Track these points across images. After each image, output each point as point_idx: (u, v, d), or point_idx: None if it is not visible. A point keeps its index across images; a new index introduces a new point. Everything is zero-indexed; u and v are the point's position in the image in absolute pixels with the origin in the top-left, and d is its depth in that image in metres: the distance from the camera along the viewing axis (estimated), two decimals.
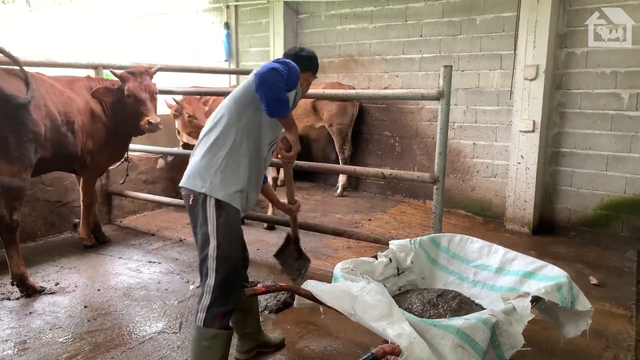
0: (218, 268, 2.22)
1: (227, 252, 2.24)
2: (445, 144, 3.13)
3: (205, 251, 2.24)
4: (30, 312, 3.16)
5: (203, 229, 2.24)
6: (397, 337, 1.72)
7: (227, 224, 2.24)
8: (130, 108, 3.97)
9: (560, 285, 2.10)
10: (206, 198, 2.23)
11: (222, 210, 2.23)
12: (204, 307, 2.23)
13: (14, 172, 3.31)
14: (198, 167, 2.28)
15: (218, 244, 2.22)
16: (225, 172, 2.25)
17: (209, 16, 7.89)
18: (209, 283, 2.23)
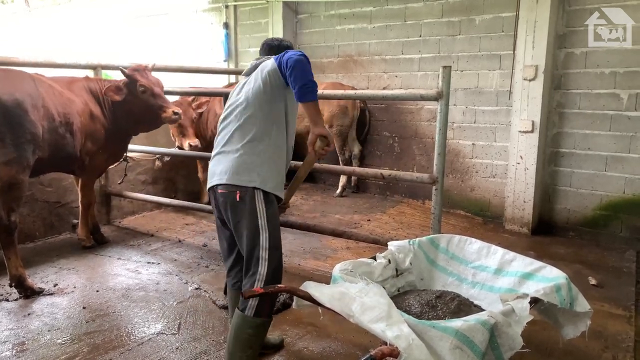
0: (270, 257, 2.29)
1: (277, 241, 2.34)
2: (444, 144, 3.12)
3: (255, 243, 2.29)
4: (29, 314, 3.15)
5: (252, 223, 2.29)
6: (395, 338, 1.72)
7: (274, 214, 2.35)
8: (146, 103, 4.01)
9: (559, 286, 2.09)
10: (254, 192, 2.30)
11: (271, 202, 2.34)
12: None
13: (12, 173, 3.30)
14: (241, 163, 2.32)
15: (270, 234, 2.30)
16: (270, 165, 2.35)
17: (208, 16, 7.88)
18: (261, 272, 2.28)
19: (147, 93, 3.99)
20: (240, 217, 2.32)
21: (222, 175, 2.34)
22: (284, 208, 2.91)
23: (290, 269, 3.95)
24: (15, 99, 3.28)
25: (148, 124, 4.23)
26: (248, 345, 2.29)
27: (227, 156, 2.36)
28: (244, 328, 2.28)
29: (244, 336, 2.28)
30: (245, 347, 2.30)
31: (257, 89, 2.36)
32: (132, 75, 3.98)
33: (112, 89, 3.94)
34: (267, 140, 2.35)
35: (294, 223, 4.11)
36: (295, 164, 4.03)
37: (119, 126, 4.17)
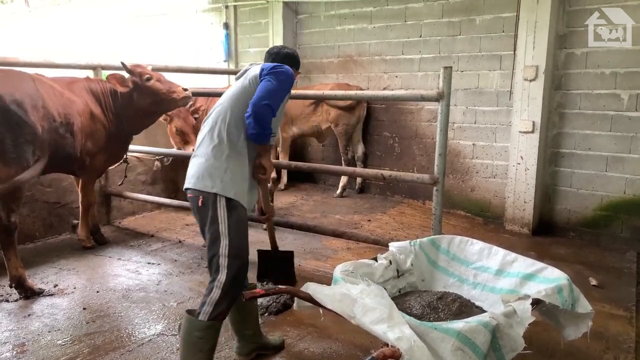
0: (230, 265, 2.29)
1: (238, 250, 2.31)
2: (445, 145, 3.12)
3: (215, 249, 2.30)
4: (29, 314, 3.15)
5: (214, 228, 2.30)
6: (397, 340, 1.71)
7: (237, 221, 2.33)
8: (154, 90, 4.02)
9: (561, 287, 2.09)
10: (217, 198, 2.30)
11: (233, 209, 2.32)
12: (213, 301, 2.27)
13: (11, 173, 3.29)
14: (206, 168, 2.34)
15: (230, 241, 2.29)
16: (234, 171, 2.34)
17: (208, 16, 7.88)
18: (220, 279, 2.28)
19: (153, 79, 4.03)
20: (204, 221, 2.35)
21: (190, 179, 2.39)
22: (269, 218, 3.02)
23: None
24: (15, 99, 3.27)
25: (161, 111, 4.30)
26: (198, 349, 2.28)
27: (197, 160, 2.40)
28: (192, 331, 2.28)
29: (193, 339, 2.28)
30: (195, 350, 2.28)
31: (234, 94, 2.45)
32: (134, 68, 4.00)
33: (115, 77, 3.95)
34: (233, 146, 2.37)
35: (294, 223, 4.11)
36: (295, 164, 4.04)
37: (121, 126, 4.16)
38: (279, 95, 2.39)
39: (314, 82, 6.91)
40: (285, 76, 2.42)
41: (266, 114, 2.31)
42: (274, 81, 2.37)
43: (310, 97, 5.00)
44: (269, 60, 2.64)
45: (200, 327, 2.27)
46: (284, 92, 2.44)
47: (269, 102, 2.30)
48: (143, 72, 4.02)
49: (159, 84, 4.04)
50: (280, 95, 2.40)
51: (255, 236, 4.74)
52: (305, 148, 7.35)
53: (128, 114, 4.12)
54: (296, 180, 7.15)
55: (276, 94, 2.35)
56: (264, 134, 2.34)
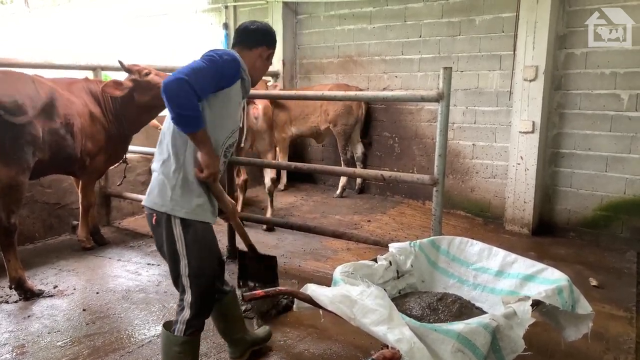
0: (193, 284, 2.17)
1: (199, 270, 2.17)
2: (445, 145, 3.11)
3: (177, 269, 2.18)
4: (29, 316, 3.14)
5: (172, 248, 2.16)
6: (397, 342, 1.71)
7: (195, 240, 2.15)
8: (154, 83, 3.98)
9: (561, 288, 2.09)
10: (170, 217, 2.13)
11: (189, 227, 2.14)
12: (184, 319, 2.19)
13: (12, 174, 3.29)
14: (157, 184, 2.17)
15: (189, 262, 2.15)
16: (183, 187, 2.13)
17: (208, 17, 7.88)
18: (187, 299, 2.18)
19: (152, 73, 4.02)
20: (160, 240, 2.21)
21: (146, 194, 2.22)
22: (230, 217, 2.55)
23: (291, 270, 3.95)
24: (15, 100, 3.28)
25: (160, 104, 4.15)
26: None
27: (153, 175, 2.22)
28: (170, 346, 2.22)
29: (172, 354, 2.23)
30: None
31: None
32: (132, 67, 4.01)
33: (110, 84, 3.93)
34: (180, 160, 2.13)
35: (294, 224, 4.10)
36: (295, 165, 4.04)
37: (120, 127, 4.16)
38: (205, 73, 2.00)
39: (313, 83, 6.91)
40: (219, 57, 2.06)
41: (179, 89, 1.93)
42: (201, 61, 2.05)
43: (310, 98, 4.99)
44: (235, 39, 2.34)
45: (178, 343, 2.20)
46: (213, 72, 2.04)
47: (184, 76, 1.93)
48: (141, 69, 4.02)
49: (158, 77, 4.03)
50: (207, 73, 2.01)
51: (255, 237, 4.74)
52: (305, 148, 7.35)
53: (128, 114, 4.11)
54: (296, 181, 7.14)
55: (200, 71, 1.99)
56: (183, 117, 1.98)
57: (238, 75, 2.17)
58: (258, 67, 2.35)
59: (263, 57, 2.34)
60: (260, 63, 2.35)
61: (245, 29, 2.32)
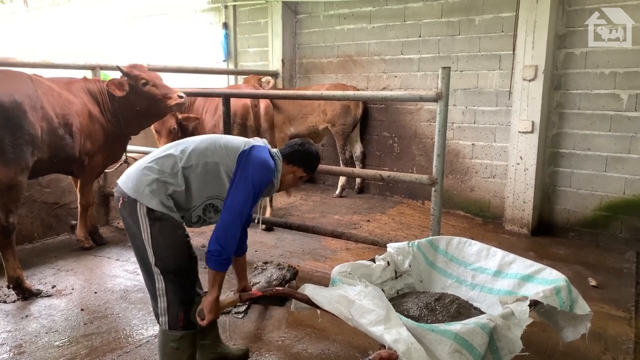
0: (163, 274, 2.17)
1: (165, 261, 2.16)
2: (443, 145, 3.11)
3: (145, 257, 2.18)
4: (27, 316, 3.14)
5: (138, 236, 2.15)
6: (394, 342, 1.71)
7: (162, 232, 2.14)
8: (150, 95, 4.00)
9: (559, 288, 2.09)
10: (136, 203, 2.12)
11: (156, 220, 2.13)
12: (164, 309, 2.20)
13: (10, 174, 3.29)
14: (136, 172, 2.17)
15: (154, 252, 2.14)
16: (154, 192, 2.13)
17: (208, 16, 7.87)
18: (159, 287, 2.19)
19: (149, 84, 4.01)
20: (127, 225, 2.20)
21: (122, 176, 2.24)
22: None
23: None
24: (14, 100, 3.27)
25: (155, 115, 4.24)
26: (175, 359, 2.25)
27: (138, 164, 2.23)
28: (166, 342, 2.24)
29: (168, 350, 2.25)
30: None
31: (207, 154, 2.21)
32: (131, 71, 3.99)
33: (114, 83, 3.95)
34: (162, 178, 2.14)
35: (293, 224, 4.10)
36: None
37: (118, 126, 4.15)
38: (251, 201, 2.17)
39: (313, 83, 6.91)
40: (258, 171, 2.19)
41: (233, 230, 2.11)
42: (246, 183, 2.16)
43: (309, 98, 4.98)
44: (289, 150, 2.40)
45: (174, 338, 2.22)
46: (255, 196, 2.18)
47: (240, 217, 2.13)
48: (139, 75, 3.99)
49: (155, 89, 4.01)
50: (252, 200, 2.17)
51: (254, 237, 4.75)
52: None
53: (125, 115, 4.11)
54: None
55: (248, 201, 2.15)
56: (222, 255, 2.11)
57: (268, 183, 2.27)
58: (287, 180, 2.44)
59: (296, 175, 2.43)
60: (291, 179, 2.44)
61: (292, 148, 2.41)
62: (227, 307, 2.54)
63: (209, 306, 2.16)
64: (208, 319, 2.16)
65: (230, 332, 2.93)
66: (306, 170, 2.44)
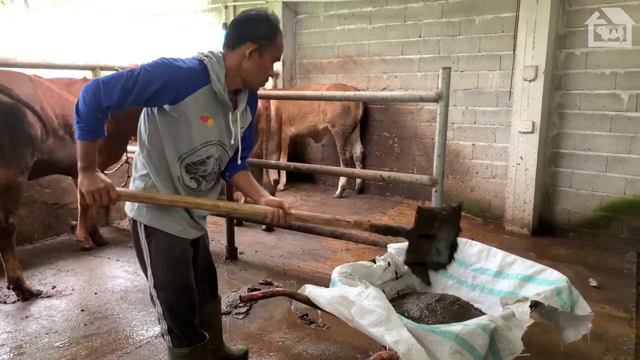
0: (159, 297, 2.06)
1: (163, 282, 2.04)
2: (444, 146, 3.10)
3: (146, 277, 2.11)
4: (27, 316, 3.13)
5: (139, 255, 2.10)
6: (395, 343, 1.70)
7: (159, 250, 2.02)
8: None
9: (560, 289, 2.08)
10: (136, 223, 2.04)
11: (152, 236, 2.01)
12: (165, 330, 2.13)
13: (10, 175, 3.29)
14: (131, 187, 2.08)
15: (153, 273, 2.04)
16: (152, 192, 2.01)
17: (208, 16, 7.87)
18: (158, 311, 2.10)
19: None
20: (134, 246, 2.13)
21: None
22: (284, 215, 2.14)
23: (290, 271, 3.94)
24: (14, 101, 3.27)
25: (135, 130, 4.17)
26: None
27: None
28: (175, 358, 2.16)
29: None
30: None
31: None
32: None
33: None
34: (150, 165, 1.98)
35: (293, 224, 4.08)
36: (294, 165, 4.03)
37: (118, 127, 4.15)
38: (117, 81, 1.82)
39: (313, 83, 6.90)
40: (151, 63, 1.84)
41: (92, 92, 1.83)
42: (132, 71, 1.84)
43: (309, 98, 4.98)
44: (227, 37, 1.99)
45: (182, 355, 2.13)
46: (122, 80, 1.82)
47: (100, 81, 1.82)
48: None
49: None
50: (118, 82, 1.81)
51: (254, 237, 4.75)
52: (305, 148, 7.34)
53: (124, 115, 4.09)
54: (295, 181, 7.14)
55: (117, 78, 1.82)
56: (80, 121, 1.89)
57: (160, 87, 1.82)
58: (248, 70, 1.93)
59: (254, 56, 1.90)
60: (252, 64, 1.92)
61: (233, 23, 1.94)
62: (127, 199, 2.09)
63: (82, 180, 1.93)
64: (87, 197, 1.91)
65: (230, 333, 2.92)
66: (256, 40, 1.88)
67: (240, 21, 1.92)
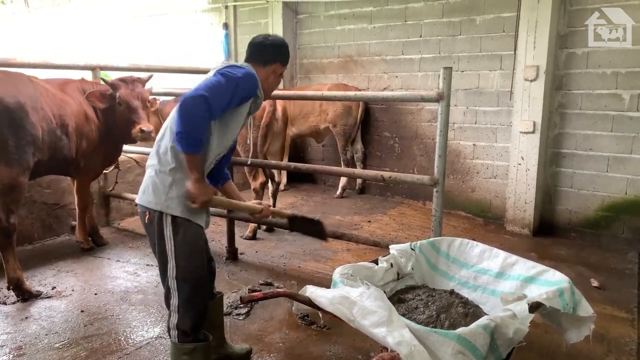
0: (179, 288, 2.13)
1: (186, 273, 2.13)
2: (445, 146, 3.09)
3: (165, 270, 2.15)
4: (26, 317, 3.13)
5: (161, 248, 2.14)
6: (397, 345, 1.69)
7: (185, 241, 2.12)
8: (122, 116, 3.93)
9: (562, 290, 2.06)
10: (162, 216, 2.10)
11: (180, 227, 2.11)
12: (174, 325, 2.17)
13: (12, 175, 3.28)
14: (152, 181, 2.14)
15: (176, 264, 2.11)
16: (179, 186, 2.09)
17: (208, 17, 7.86)
18: (173, 303, 2.16)
19: (122, 106, 3.89)
20: (153, 240, 2.18)
21: (139, 193, 2.22)
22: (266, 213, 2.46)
23: (290, 271, 3.93)
24: (18, 101, 3.28)
25: (123, 136, 4.08)
26: None
27: (147, 172, 2.21)
28: (178, 355, 2.19)
29: None
30: None
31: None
32: (115, 85, 3.89)
33: (95, 95, 3.84)
34: (179, 158, 2.08)
35: None
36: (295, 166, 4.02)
37: (111, 129, 4.12)
38: (223, 93, 2.00)
39: (313, 83, 6.89)
40: (241, 78, 2.06)
41: (196, 107, 1.92)
42: (220, 77, 2.02)
43: (309, 98, 4.97)
44: (249, 53, 2.32)
45: (186, 351, 2.17)
46: (230, 91, 2.03)
47: (205, 93, 1.93)
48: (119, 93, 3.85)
49: (127, 113, 3.87)
50: (225, 94, 2.01)
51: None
52: (305, 148, 7.34)
53: (113, 121, 4.05)
54: (296, 181, 7.13)
55: (218, 90, 1.98)
56: (189, 136, 1.94)
57: (253, 94, 2.19)
58: (270, 84, 2.36)
59: (276, 73, 2.34)
60: (273, 79, 2.36)
61: (261, 44, 2.30)
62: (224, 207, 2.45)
63: (193, 187, 2.03)
64: (198, 203, 2.05)
65: (231, 334, 2.91)
66: (283, 63, 2.36)
67: (271, 44, 2.33)
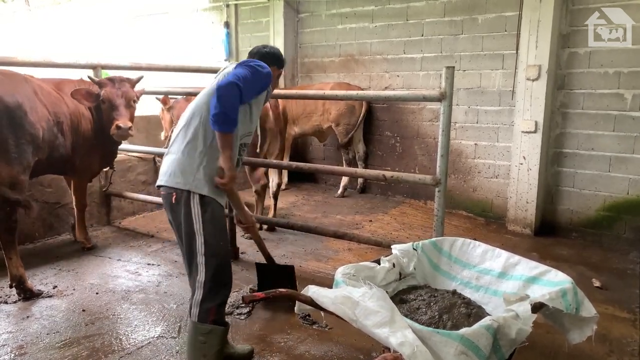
0: (207, 264, 2.26)
1: (215, 248, 2.27)
2: (447, 145, 3.08)
3: (192, 248, 2.27)
4: (28, 316, 3.12)
5: (188, 227, 2.27)
6: (399, 345, 1.69)
7: (213, 219, 2.28)
8: (105, 114, 3.89)
9: (565, 291, 2.06)
10: (190, 195, 2.26)
11: (207, 205, 2.28)
12: (197, 302, 2.28)
13: (13, 173, 3.28)
14: (179, 164, 2.30)
15: (205, 240, 2.25)
16: (207, 168, 2.28)
17: (209, 15, 7.85)
18: (200, 279, 2.27)
19: (105, 104, 3.85)
20: (178, 219, 2.31)
21: (163, 176, 2.34)
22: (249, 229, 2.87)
23: None
24: (17, 100, 3.28)
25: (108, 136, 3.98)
26: (201, 353, 2.28)
27: (170, 157, 2.35)
28: (195, 335, 2.28)
29: (197, 344, 2.28)
30: (198, 354, 2.29)
31: (210, 90, 2.36)
32: (101, 83, 3.86)
33: (81, 93, 3.76)
34: (208, 143, 2.30)
35: (295, 224, 4.07)
36: (296, 165, 4.01)
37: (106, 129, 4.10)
38: (251, 83, 2.26)
39: (315, 82, 6.88)
40: (261, 68, 2.34)
41: (232, 93, 2.17)
42: (246, 69, 2.28)
43: (311, 97, 4.96)
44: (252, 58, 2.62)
45: (204, 332, 2.26)
46: (256, 83, 2.31)
47: (238, 82, 2.17)
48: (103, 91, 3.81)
49: (108, 111, 3.83)
50: (253, 84, 2.28)
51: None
52: (307, 148, 7.33)
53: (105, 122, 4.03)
54: (297, 180, 7.12)
55: (247, 80, 2.22)
56: (226, 116, 2.18)
57: (267, 86, 2.47)
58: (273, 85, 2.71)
59: (274, 75, 2.63)
60: (273, 80, 2.63)
61: (259, 52, 2.67)
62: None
63: (225, 162, 2.26)
64: (227, 176, 2.27)
65: (233, 334, 2.91)
66: (279, 67, 2.73)
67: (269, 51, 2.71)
